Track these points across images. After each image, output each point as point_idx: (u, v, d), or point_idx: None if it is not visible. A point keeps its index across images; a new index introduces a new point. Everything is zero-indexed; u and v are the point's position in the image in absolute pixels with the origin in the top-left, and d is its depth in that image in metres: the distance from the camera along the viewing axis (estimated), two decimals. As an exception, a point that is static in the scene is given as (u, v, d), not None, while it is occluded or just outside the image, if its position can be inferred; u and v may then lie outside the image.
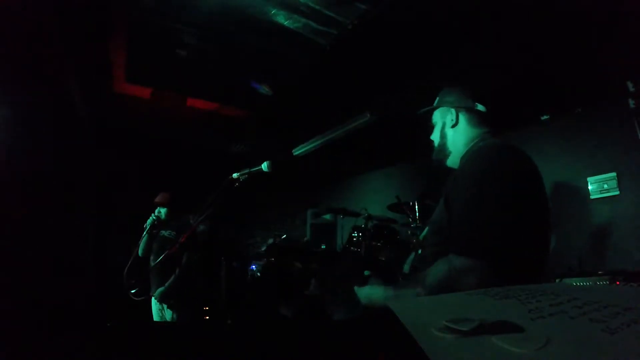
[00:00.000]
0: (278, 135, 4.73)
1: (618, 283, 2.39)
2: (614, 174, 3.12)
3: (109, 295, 3.73)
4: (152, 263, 3.11)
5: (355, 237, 3.66)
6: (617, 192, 3.10)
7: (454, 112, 1.34)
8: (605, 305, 0.44)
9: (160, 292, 3.05)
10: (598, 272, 2.57)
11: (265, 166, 1.75)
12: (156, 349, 1.05)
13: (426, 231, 1.36)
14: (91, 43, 2.81)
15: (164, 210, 3.21)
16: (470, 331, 0.38)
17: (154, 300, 3.14)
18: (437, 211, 1.25)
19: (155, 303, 3.14)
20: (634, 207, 3.00)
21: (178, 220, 3.24)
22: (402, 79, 3.26)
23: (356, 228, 3.70)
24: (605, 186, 3.17)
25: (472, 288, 0.95)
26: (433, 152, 1.41)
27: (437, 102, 1.41)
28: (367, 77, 3.25)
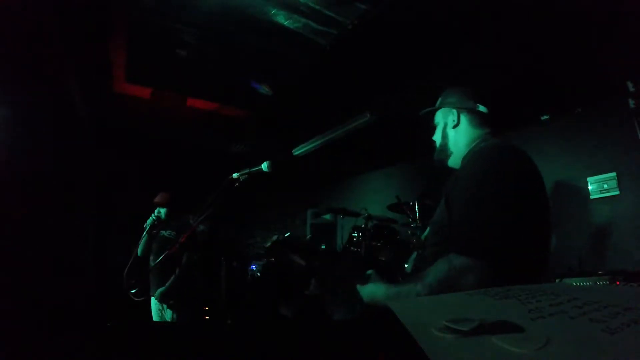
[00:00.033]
0: (278, 135, 4.73)
1: (618, 283, 2.39)
2: (614, 174, 3.12)
3: (109, 295, 3.73)
4: (152, 263, 3.12)
5: (355, 237, 3.66)
6: (617, 192, 3.10)
7: (455, 113, 1.34)
8: (605, 305, 0.44)
9: (161, 292, 3.05)
10: (598, 272, 2.57)
11: (265, 166, 1.75)
12: (156, 349, 1.06)
13: (428, 231, 1.37)
14: (91, 43, 2.81)
15: (163, 211, 3.21)
16: (470, 331, 0.38)
17: (153, 300, 3.14)
18: (438, 211, 1.25)
19: (155, 303, 3.14)
20: (634, 207, 3.00)
21: (178, 220, 3.24)
22: (402, 79, 3.26)
23: (356, 228, 3.71)
24: (605, 186, 3.17)
25: (471, 287, 0.96)
26: (435, 153, 1.41)
27: (439, 102, 1.42)
28: (367, 77, 3.25)
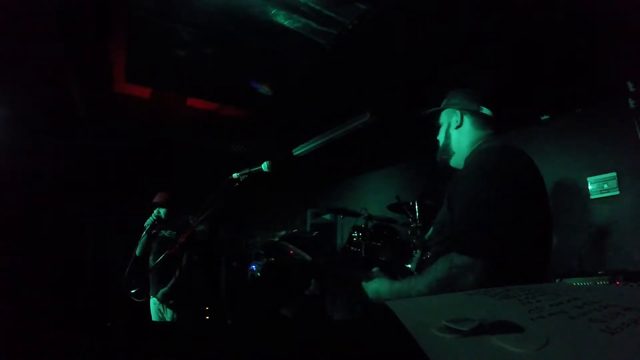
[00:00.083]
0: (278, 135, 4.73)
1: (618, 283, 2.39)
2: (614, 174, 3.12)
3: (109, 295, 3.73)
4: (151, 263, 3.11)
5: (355, 237, 3.66)
6: (617, 192, 3.10)
7: (458, 114, 1.37)
8: (605, 305, 0.44)
9: (163, 293, 3.04)
10: (598, 272, 2.57)
11: (265, 166, 1.76)
12: (156, 349, 1.06)
13: (431, 231, 1.39)
14: (91, 43, 2.81)
15: (163, 211, 3.21)
16: (470, 331, 0.38)
17: (153, 300, 3.14)
18: (441, 211, 1.28)
19: (155, 303, 3.14)
20: (634, 207, 3.00)
21: (178, 220, 3.23)
22: (402, 79, 3.26)
23: (356, 228, 3.71)
24: (605, 186, 3.17)
25: (472, 286, 0.97)
26: (437, 152, 1.45)
27: (444, 103, 1.45)
28: (367, 77, 3.25)
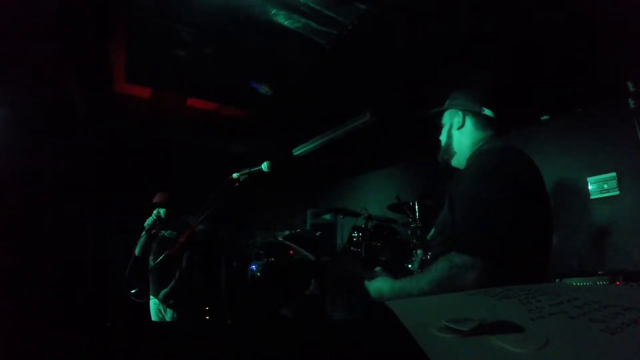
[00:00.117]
0: (278, 135, 4.73)
1: (618, 283, 2.39)
2: (614, 174, 3.12)
3: (109, 295, 3.73)
4: (151, 263, 3.11)
5: (355, 237, 3.66)
6: (617, 192, 3.10)
7: (461, 115, 1.38)
8: (605, 305, 0.44)
9: (165, 293, 3.04)
10: (598, 272, 2.57)
11: (265, 166, 1.76)
12: (156, 349, 1.06)
13: (433, 232, 1.40)
14: (91, 43, 2.81)
15: (163, 211, 3.21)
16: (470, 331, 0.38)
17: (152, 300, 3.13)
18: (442, 212, 1.30)
19: (155, 303, 3.14)
20: (634, 207, 3.00)
21: (178, 220, 3.23)
22: (402, 79, 3.26)
23: (356, 228, 3.71)
24: (605, 186, 3.17)
25: (472, 285, 0.98)
26: (439, 152, 1.46)
27: (447, 104, 1.47)
28: (367, 77, 3.25)
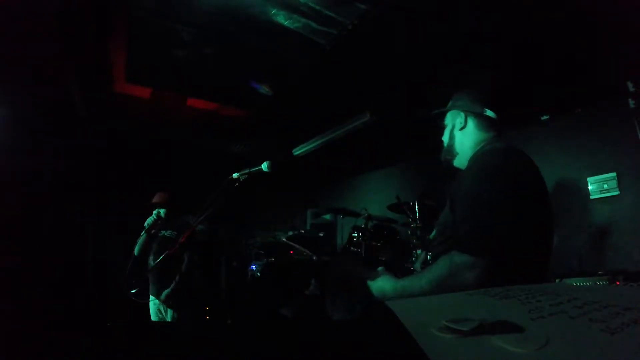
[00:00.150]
0: (278, 135, 4.73)
1: (618, 283, 2.39)
2: (614, 174, 3.12)
3: (109, 295, 3.73)
4: (151, 263, 3.11)
5: (355, 237, 3.66)
6: (617, 192, 3.10)
7: (463, 116, 1.40)
8: (605, 305, 0.44)
9: (167, 294, 3.03)
10: (598, 272, 2.57)
11: (265, 166, 1.76)
12: (156, 349, 1.05)
13: (435, 232, 1.41)
14: (91, 43, 2.81)
15: (163, 211, 3.21)
16: (470, 331, 0.38)
17: (152, 300, 3.13)
18: (443, 212, 1.31)
19: (154, 303, 3.14)
20: (634, 207, 3.00)
21: (178, 220, 3.23)
22: (402, 79, 3.25)
23: (356, 228, 3.71)
24: (605, 186, 3.17)
25: (472, 284, 0.98)
26: (442, 152, 1.48)
27: (449, 105, 1.48)
28: (367, 77, 3.25)
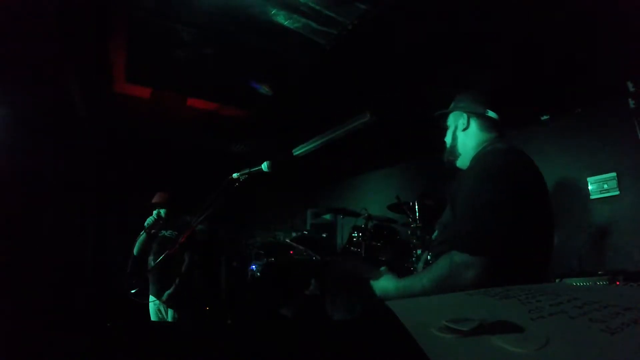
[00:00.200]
0: (278, 135, 4.73)
1: (618, 283, 2.39)
2: (614, 174, 3.12)
3: (109, 295, 3.73)
4: (151, 263, 3.11)
5: (355, 237, 3.67)
6: (617, 192, 3.10)
7: (465, 117, 1.40)
8: (605, 305, 0.44)
9: (169, 294, 3.03)
10: (598, 272, 2.57)
11: (265, 166, 1.76)
12: (156, 349, 1.06)
13: (436, 232, 1.42)
14: (91, 43, 2.81)
15: (162, 211, 3.20)
16: (470, 331, 0.38)
17: (151, 299, 3.13)
18: (444, 213, 1.32)
19: (153, 303, 3.14)
20: (634, 207, 3.00)
21: (178, 220, 3.23)
22: (402, 79, 3.25)
23: (356, 228, 3.71)
24: (605, 186, 3.17)
25: (472, 283, 0.99)
26: (444, 153, 1.48)
27: (452, 106, 1.48)
28: (367, 77, 3.25)
